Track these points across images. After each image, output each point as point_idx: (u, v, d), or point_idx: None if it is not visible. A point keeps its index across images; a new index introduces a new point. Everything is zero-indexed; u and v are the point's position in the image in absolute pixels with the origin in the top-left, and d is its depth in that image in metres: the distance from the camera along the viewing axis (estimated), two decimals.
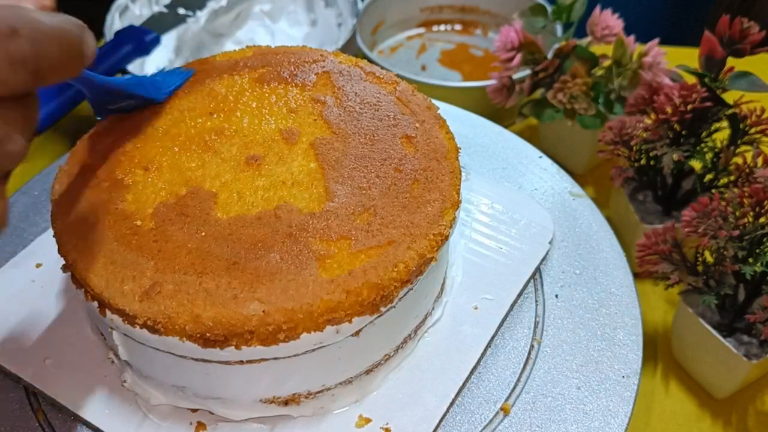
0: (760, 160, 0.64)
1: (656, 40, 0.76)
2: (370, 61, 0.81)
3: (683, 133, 0.69)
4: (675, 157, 0.66)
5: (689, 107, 0.65)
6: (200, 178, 0.53)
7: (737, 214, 0.59)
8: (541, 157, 0.75)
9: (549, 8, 0.84)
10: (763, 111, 0.65)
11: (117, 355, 0.53)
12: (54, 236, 0.52)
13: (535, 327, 0.60)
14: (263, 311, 0.45)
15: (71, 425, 0.54)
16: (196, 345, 0.47)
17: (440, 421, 0.53)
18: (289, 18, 1.04)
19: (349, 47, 0.93)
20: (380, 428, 0.52)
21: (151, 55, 0.90)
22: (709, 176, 0.70)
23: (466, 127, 0.78)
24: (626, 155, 0.72)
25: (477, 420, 0.54)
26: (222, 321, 0.45)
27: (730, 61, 0.66)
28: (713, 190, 0.69)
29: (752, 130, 0.66)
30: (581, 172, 0.86)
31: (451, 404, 0.54)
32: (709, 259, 0.61)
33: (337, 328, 0.47)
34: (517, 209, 0.67)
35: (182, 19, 0.96)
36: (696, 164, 0.71)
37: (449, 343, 0.57)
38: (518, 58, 0.80)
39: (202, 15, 0.97)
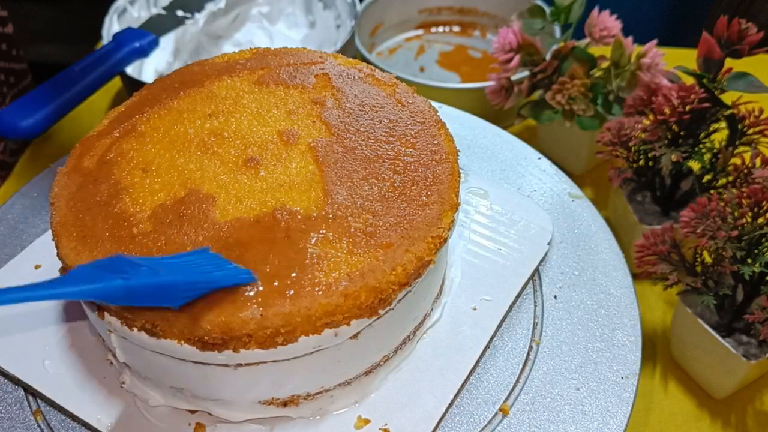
0: (758, 161, 0.64)
1: (654, 41, 0.76)
2: (369, 62, 0.81)
3: (682, 133, 0.69)
4: (673, 157, 0.67)
5: (687, 108, 0.65)
6: (199, 180, 0.53)
7: (736, 214, 0.59)
8: (539, 158, 0.75)
9: (547, 10, 0.84)
10: (761, 112, 0.65)
11: (116, 357, 0.53)
12: (53, 238, 0.52)
13: (534, 328, 0.60)
14: (261, 315, 0.45)
15: (70, 426, 0.54)
16: (194, 348, 0.47)
17: (439, 421, 0.53)
18: (288, 20, 1.04)
19: (348, 49, 0.93)
20: (379, 429, 0.52)
21: (149, 58, 0.90)
22: (707, 177, 0.70)
23: (465, 128, 0.78)
24: (625, 156, 0.72)
25: (476, 421, 0.54)
26: (220, 324, 0.45)
27: (729, 62, 0.66)
28: (712, 191, 0.69)
29: (750, 131, 0.66)
30: (580, 173, 0.86)
31: (450, 405, 0.54)
32: (708, 259, 0.61)
33: (335, 331, 0.47)
34: (515, 210, 0.67)
35: (181, 22, 0.96)
36: (694, 165, 0.71)
37: (448, 344, 0.57)
38: (517, 59, 0.80)
39: (201, 17, 0.97)
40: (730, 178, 0.66)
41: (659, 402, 0.66)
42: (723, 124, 0.68)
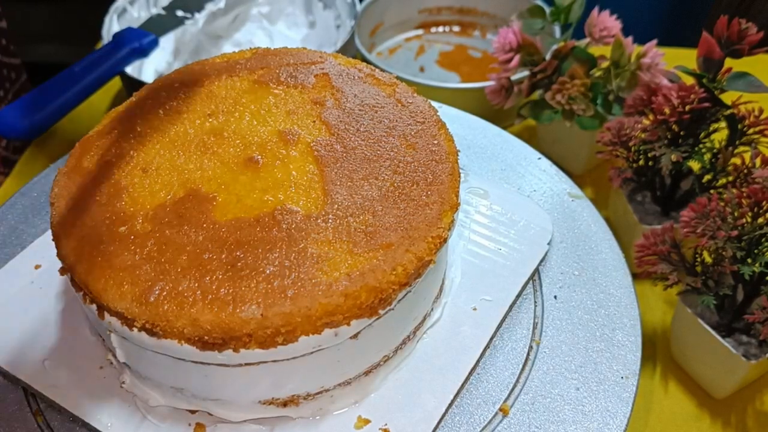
0: (758, 161, 0.64)
1: (654, 41, 0.76)
2: (369, 62, 0.81)
3: (681, 133, 0.69)
4: (673, 157, 0.67)
5: (687, 108, 0.65)
6: (199, 180, 0.53)
7: (736, 214, 0.59)
8: (539, 158, 0.75)
9: (547, 9, 0.84)
10: (761, 111, 0.65)
11: (116, 357, 0.53)
12: (53, 238, 0.52)
13: (534, 328, 0.60)
14: (261, 315, 0.45)
15: (70, 426, 0.54)
16: (194, 348, 0.47)
17: (439, 421, 0.53)
18: (288, 20, 1.04)
19: (348, 49, 0.93)
20: (379, 429, 0.52)
21: (149, 58, 0.90)
22: (707, 177, 0.70)
23: (465, 128, 0.78)
24: (625, 156, 0.72)
25: (476, 421, 0.54)
26: (220, 324, 0.45)
27: (728, 62, 0.66)
28: (712, 191, 0.69)
29: (750, 131, 0.66)
30: (580, 173, 0.86)
31: (450, 405, 0.54)
32: (708, 259, 0.61)
33: (335, 331, 0.47)
34: (515, 210, 0.67)
35: (180, 22, 0.96)
36: (694, 165, 0.71)
37: (448, 344, 0.57)
38: (516, 59, 0.80)
39: (201, 17, 0.97)
40: (730, 178, 0.66)
41: (659, 402, 0.66)
42: (723, 124, 0.68)
